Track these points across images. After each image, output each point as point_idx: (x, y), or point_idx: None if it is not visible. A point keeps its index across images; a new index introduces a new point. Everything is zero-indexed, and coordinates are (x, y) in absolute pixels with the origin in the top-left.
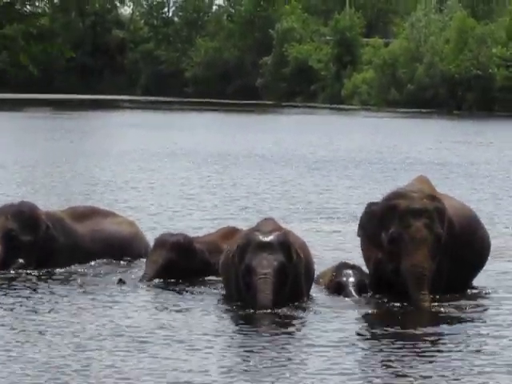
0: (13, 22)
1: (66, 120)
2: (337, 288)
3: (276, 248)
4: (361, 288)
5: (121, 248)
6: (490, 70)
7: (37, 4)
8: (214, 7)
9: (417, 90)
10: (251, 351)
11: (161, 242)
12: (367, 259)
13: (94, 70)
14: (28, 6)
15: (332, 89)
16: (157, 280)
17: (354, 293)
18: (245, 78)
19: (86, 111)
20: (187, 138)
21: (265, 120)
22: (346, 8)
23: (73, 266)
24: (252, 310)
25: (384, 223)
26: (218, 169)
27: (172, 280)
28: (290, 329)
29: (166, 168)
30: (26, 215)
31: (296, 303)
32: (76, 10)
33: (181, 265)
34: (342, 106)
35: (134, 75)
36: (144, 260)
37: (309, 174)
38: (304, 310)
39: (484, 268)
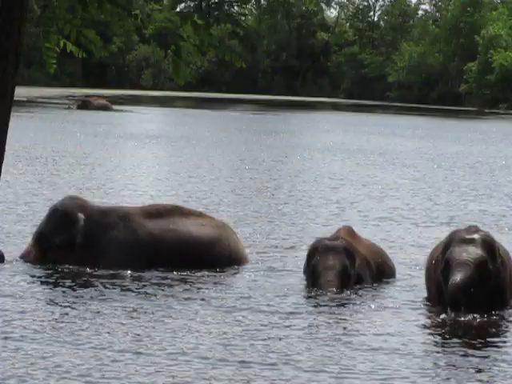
0: (220, 22)
1: (271, 120)
2: None
3: (478, 244)
4: None
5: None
6: None
7: (244, 5)
8: (420, 12)
9: None
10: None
11: (329, 247)
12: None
13: (298, 72)
14: (235, 7)
15: None
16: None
17: None
18: (448, 84)
19: (290, 112)
20: (398, 141)
21: (470, 127)
22: None
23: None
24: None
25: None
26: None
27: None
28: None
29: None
30: None
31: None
32: (282, 12)
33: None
34: None
35: (337, 78)
36: None
37: None
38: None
39: None
